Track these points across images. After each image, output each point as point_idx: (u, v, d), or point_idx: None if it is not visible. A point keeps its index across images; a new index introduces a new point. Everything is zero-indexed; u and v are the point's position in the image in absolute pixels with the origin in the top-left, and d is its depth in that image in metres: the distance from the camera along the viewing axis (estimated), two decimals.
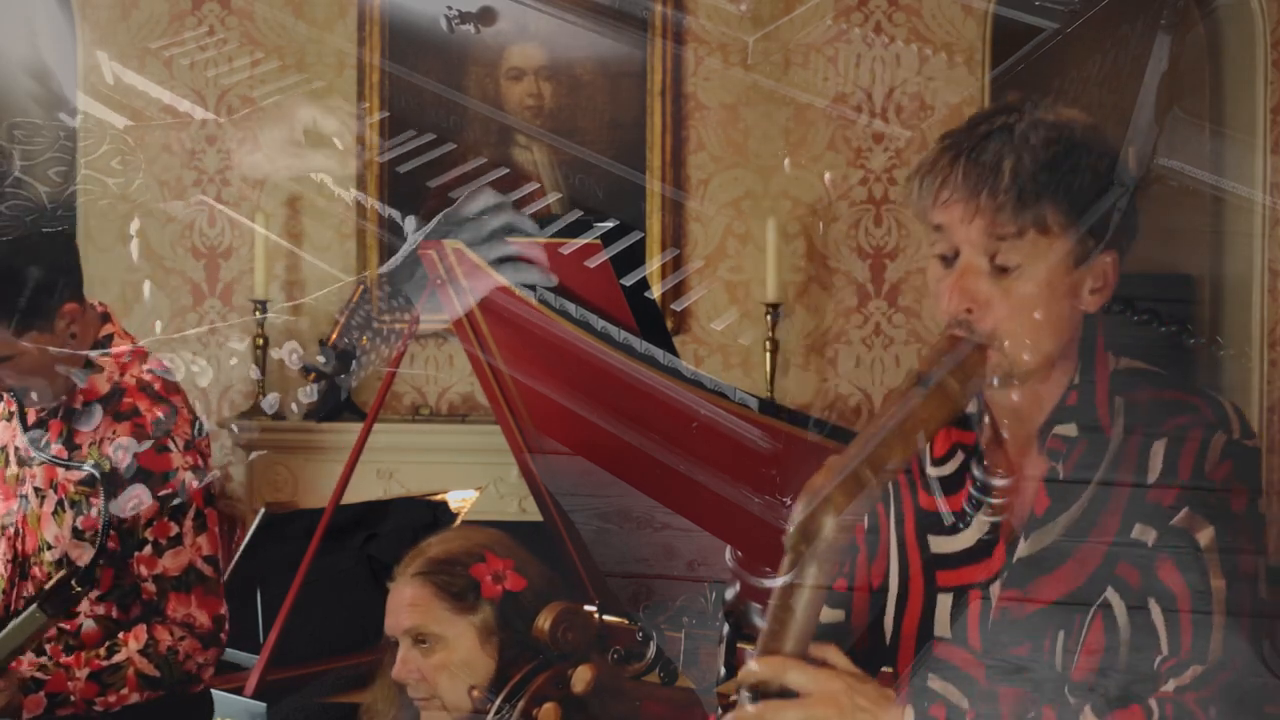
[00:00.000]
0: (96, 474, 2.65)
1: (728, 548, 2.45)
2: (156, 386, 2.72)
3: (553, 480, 2.93)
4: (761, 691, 1.56)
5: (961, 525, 1.72)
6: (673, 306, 5.45)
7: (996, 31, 5.37)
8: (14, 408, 2.78)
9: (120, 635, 2.64)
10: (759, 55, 5.34)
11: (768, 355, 5.26)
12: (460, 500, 3.54)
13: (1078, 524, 1.63)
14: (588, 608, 2.33)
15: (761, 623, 1.64)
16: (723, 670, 1.81)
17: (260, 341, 5.31)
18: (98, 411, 2.68)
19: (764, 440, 2.44)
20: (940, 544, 1.73)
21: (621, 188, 5.35)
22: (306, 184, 5.41)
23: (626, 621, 2.52)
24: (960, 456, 1.75)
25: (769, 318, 5.23)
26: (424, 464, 5.13)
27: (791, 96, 5.36)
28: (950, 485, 1.75)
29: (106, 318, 2.80)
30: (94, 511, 2.65)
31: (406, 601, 2.33)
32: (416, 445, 5.24)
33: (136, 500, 2.64)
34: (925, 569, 1.74)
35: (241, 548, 3.43)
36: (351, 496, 3.26)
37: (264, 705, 2.93)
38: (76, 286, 2.73)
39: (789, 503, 1.57)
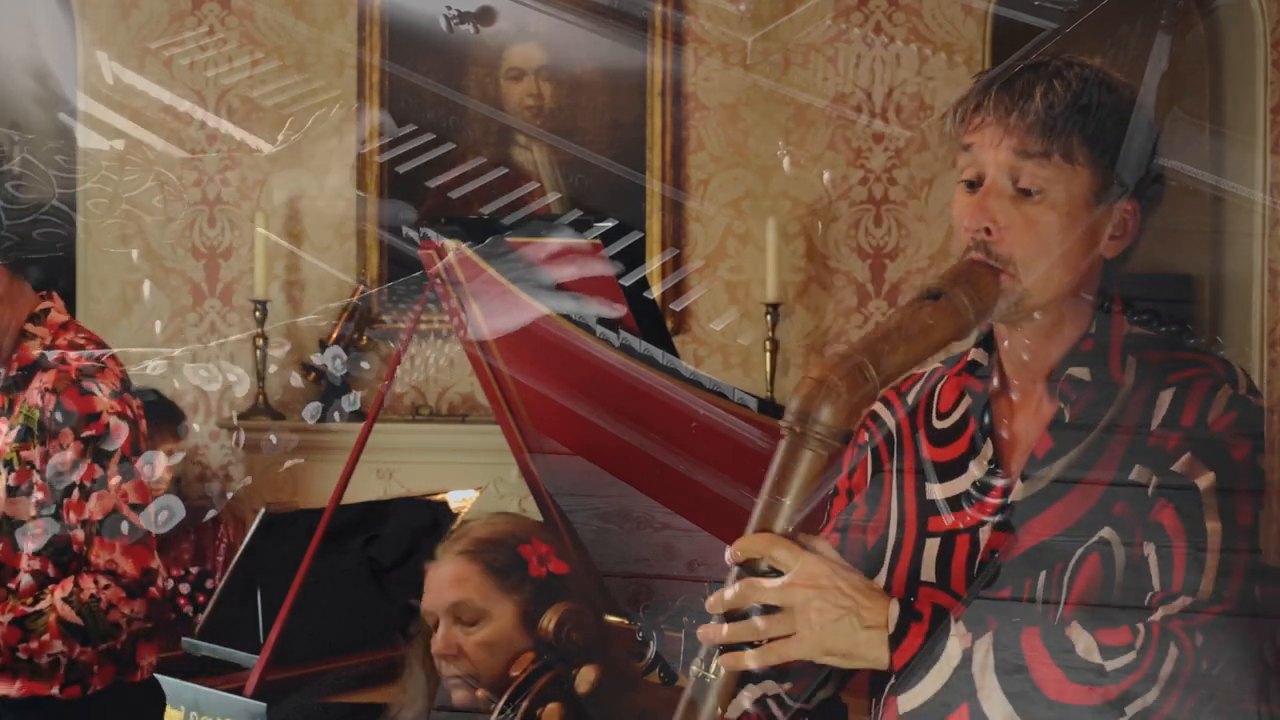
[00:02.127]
0: None
1: (728, 548, 2.44)
2: (88, 348, 2.76)
3: (553, 480, 2.93)
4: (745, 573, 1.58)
5: (959, 471, 1.73)
6: (672, 306, 5.46)
7: (996, 31, 5.37)
8: None
9: (49, 587, 2.67)
10: (759, 55, 5.34)
11: (768, 355, 5.26)
12: (460, 500, 3.53)
13: (1076, 467, 1.65)
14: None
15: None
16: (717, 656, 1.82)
17: (260, 342, 5.31)
18: (31, 374, 2.72)
19: (764, 440, 2.44)
20: (936, 491, 1.75)
21: (621, 188, 5.35)
22: (307, 184, 5.41)
23: (626, 621, 2.52)
24: (967, 402, 1.77)
25: (769, 318, 5.23)
26: (424, 464, 5.13)
27: (791, 96, 5.36)
28: (954, 434, 1.77)
29: (47, 294, 2.84)
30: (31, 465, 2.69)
31: (451, 577, 2.34)
32: (416, 445, 5.24)
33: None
34: (919, 516, 1.76)
35: (242, 548, 3.43)
36: (351, 496, 3.26)
37: (264, 705, 2.93)
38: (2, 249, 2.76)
39: (789, 503, 1.57)
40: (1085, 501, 1.64)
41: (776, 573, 1.56)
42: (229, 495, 4.53)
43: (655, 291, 5.25)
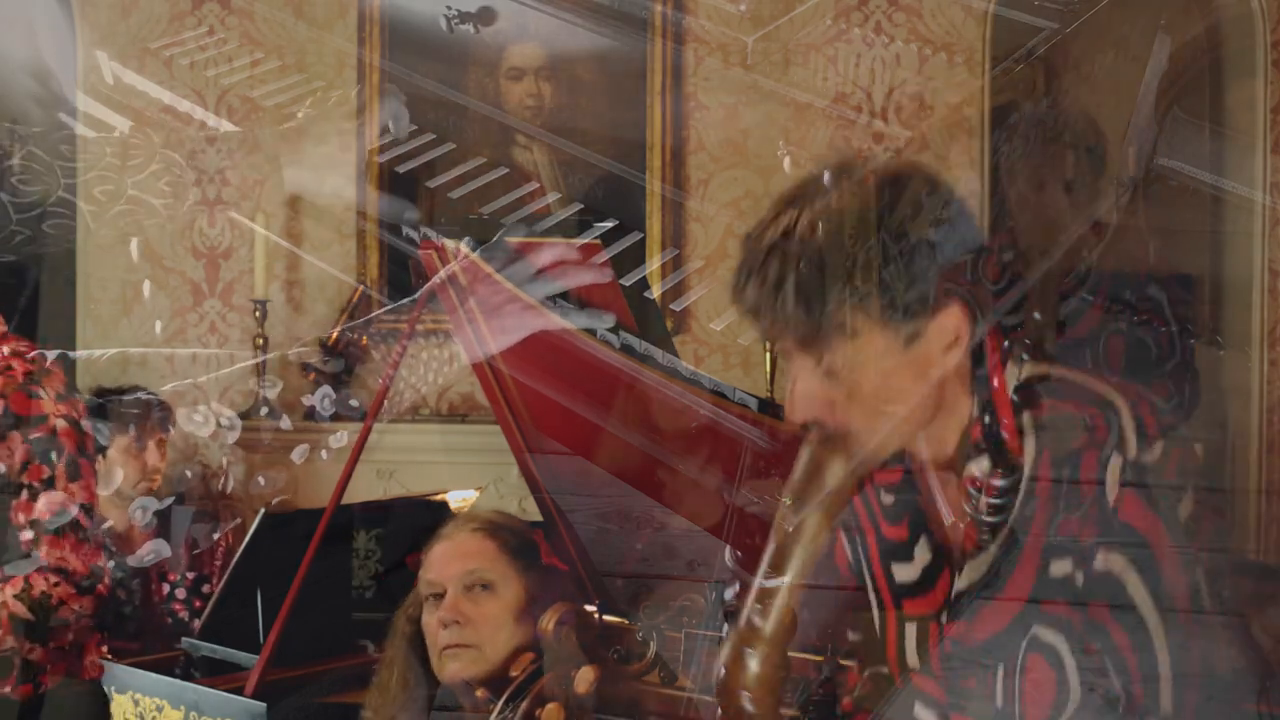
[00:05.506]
0: None
1: (727, 548, 2.45)
2: (30, 355, 2.80)
3: (553, 480, 2.93)
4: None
5: (909, 556, 1.70)
6: (672, 306, 5.45)
7: (996, 31, 5.37)
8: None
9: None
10: (759, 55, 5.34)
11: (768, 355, 5.25)
12: (460, 500, 3.53)
13: (1007, 557, 1.59)
14: (588, 608, 2.33)
15: (761, 623, 1.64)
16: (722, 670, 1.81)
17: (260, 343, 5.31)
18: None
19: (764, 440, 2.44)
20: (900, 571, 1.72)
21: (621, 188, 5.35)
22: (306, 184, 5.41)
23: (626, 621, 2.52)
24: (903, 487, 1.72)
25: None
26: (424, 464, 5.13)
27: (791, 96, 5.35)
28: (900, 511, 1.72)
29: None
30: None
31: (465, 550, 2.39)
32: (416, 445, 5.23)
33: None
34: (894, 597, 1.73)
35: (241, 549, 3.43)
36: (351, 497, 3.26)
37: (264, 705, 2.93)
38: None
39: (789, 503, 1.57)
40: (1021, 593, 1.59)
41: None
42: (216, 535, 4.53)
43: (655, 291, 5.25)
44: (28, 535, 2.72)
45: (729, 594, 1.99)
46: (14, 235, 2.80)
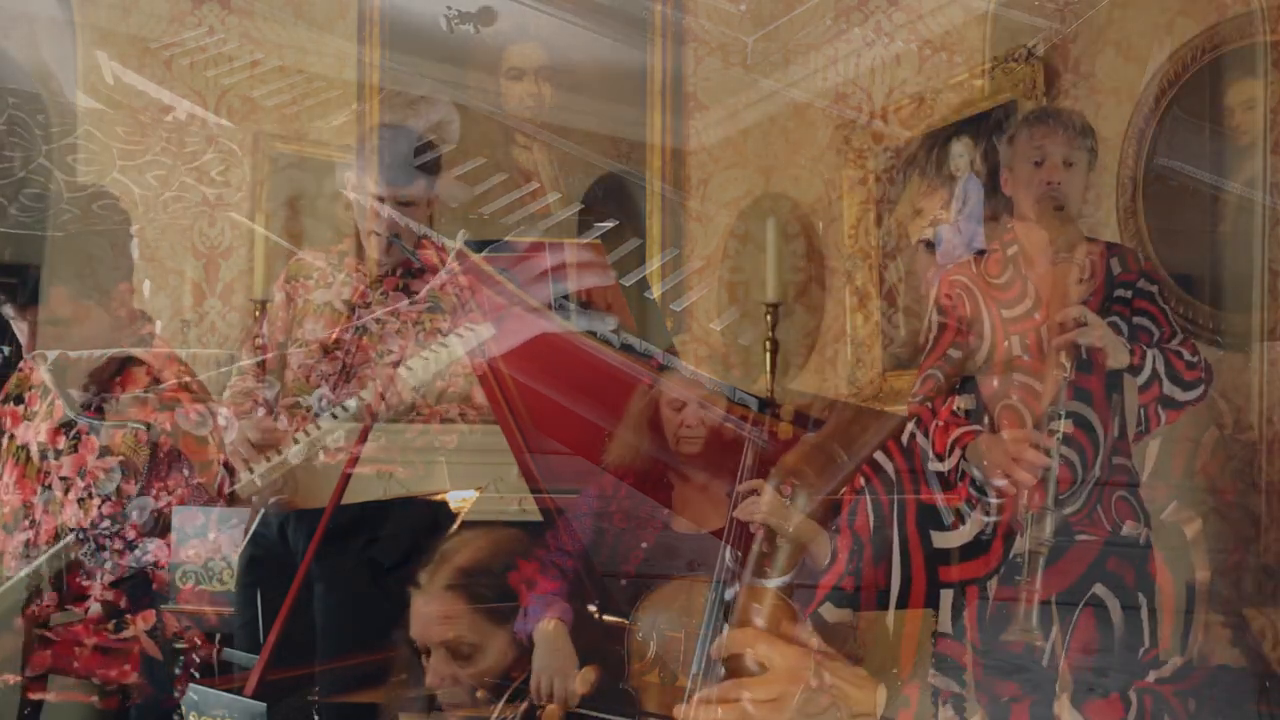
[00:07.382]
0: (140, 428, 2.69)
1: (727, 548, 2.45)
2: (195, 388, 2.78)
3: (553, 480, 2.94)
4: (731, 668, 1.56)
5: (960, 522, 1.72)
6: (673, 306, 5.46)
7: (996, 31, 5.36)
8: (37, 406, 2.81)
9: (127, 616, 2.68)
10: (759, 55, 5.34)
11: (768, 355, 5.25)
12: (460, 500, 3.53)
13: (1073, 522, 1.64)
14: (588, 608, 2.33)
15: (762, 624, 1.65)
16: (722, 670, 1.82)
17: (259, 343, 5.30)
18: (137, 402, 2.72)
19: (764, 440, 2.44)
20: (941, 539, 1.74)
21: (621, 188, 5.35)
22: (307, 183, 5.41)
23: (626, 621, 2.52)
24: (959, 453, 1.75)
25: (769, 318, 5.23)
26: (424, 464, 5.12)
27: (791, 96, 5.36)
28: (949, 481, 1.75)
29: (147, 318, 2.86)
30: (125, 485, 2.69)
31: (439, 614, 2.33)
32: (416, 445, 5.23)
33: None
34: (927, 564, 1.75)
35: (241, 547, 3.43)
36: (351, 497, 3.26)
37: (264, 705, 2.93)
38: (129, 270, 2.78)
39: (770, 594, 1.57)
40: (1086, 556, 1.63)
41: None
42: (210, 536, 4.52)
43: (655, 291, 5.25)
44: (164, 576, 2.69)
45: (729, 594, 1.99)
46: (64, 213, 2.75)
